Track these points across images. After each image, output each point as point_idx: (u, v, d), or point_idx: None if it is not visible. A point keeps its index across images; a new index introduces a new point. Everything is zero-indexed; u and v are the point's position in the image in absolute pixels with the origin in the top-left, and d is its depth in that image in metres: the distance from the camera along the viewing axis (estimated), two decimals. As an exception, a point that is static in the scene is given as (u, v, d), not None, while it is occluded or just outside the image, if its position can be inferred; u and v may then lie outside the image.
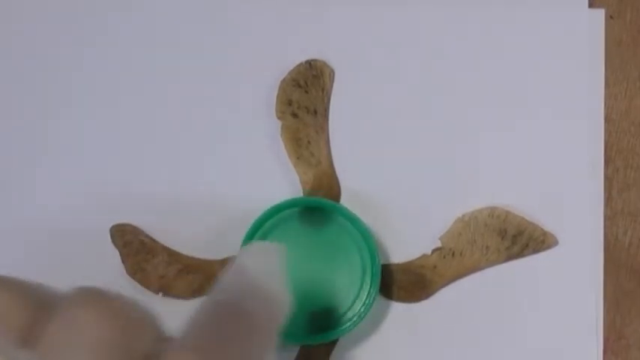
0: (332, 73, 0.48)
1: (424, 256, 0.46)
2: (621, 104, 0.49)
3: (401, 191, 0.48)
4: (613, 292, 0.47)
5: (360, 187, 0.48)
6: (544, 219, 0.47)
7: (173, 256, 0.46)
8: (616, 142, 0.48)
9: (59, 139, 0.48)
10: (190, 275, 0.46)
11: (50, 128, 0.49)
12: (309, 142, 0.47)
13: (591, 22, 0.49)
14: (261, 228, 0.45)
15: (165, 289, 0.46)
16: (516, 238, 0.46)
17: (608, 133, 0.48)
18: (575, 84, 0.48)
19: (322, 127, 0.48)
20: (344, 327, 0.44)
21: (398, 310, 0.47)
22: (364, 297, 0.45)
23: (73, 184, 0.48)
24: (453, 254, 0.46)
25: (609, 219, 0.48)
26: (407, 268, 0.46)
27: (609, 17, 0.49)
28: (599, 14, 0.49)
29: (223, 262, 0.46)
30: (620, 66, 0.49)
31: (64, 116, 0.49)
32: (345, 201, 0.47)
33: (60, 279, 0.46)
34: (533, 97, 0.48)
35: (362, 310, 0.44)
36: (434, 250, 0.46)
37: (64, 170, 0.48)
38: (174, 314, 0.45)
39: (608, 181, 0.48)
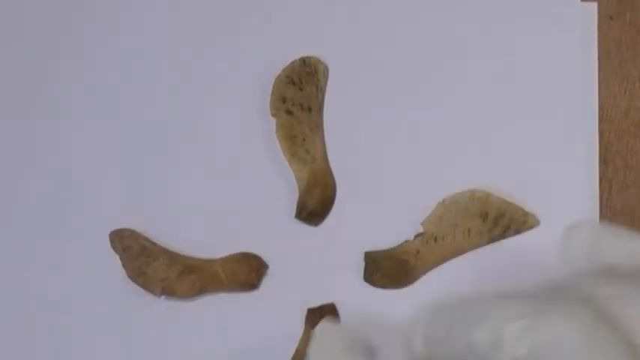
0: (326, 69, 0.49)
1: (407, 242, 0.46)
2: (621, 104, 0.48)
3: (392, 181, 0.48)
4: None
5: (355, 182, 0.48)
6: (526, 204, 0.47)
7: (173, 257, 0.47)
8: (615, 142, 0.48)
9: (55, 142, 0.49)
10: (192, 275, 0.46)
11: (47, 131, 0.49)
12: (303, 139, 0.48)
13: (584, 17, 0.49)
14: None
15: (167, 291, 0.46)
16: (498, 220, 0.46)
17: (607, 133, 0.48)
18: (567, 76, 0.48)
19: (317, 124, 0.48)
20: None
21: (382, 296, 0.47)
22: None
23: (70, 191, 0.48)
24: (436, 239, 0.46)
25: (608, 219, 0.47)
26: (390, 254, 0.46)
27: (609, 18, 0.49)
28: (592, 8, 0.49)
29: (223, 261, 0.47)
30: (620, 66, 0.49)
31: (61, 120, 0.49)
32: (340, 197, 0.48)
33: (62, 286, 0.47)
34: (525, 88, 0.48)
35: None
36: (416, 236, 0.46)
37: (61, 175, 0.49)
38: (178, 316, 0.47)
39: (607, 181, 0.48)
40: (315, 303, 0.47)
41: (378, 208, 0.47)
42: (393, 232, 0.47)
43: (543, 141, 0.48)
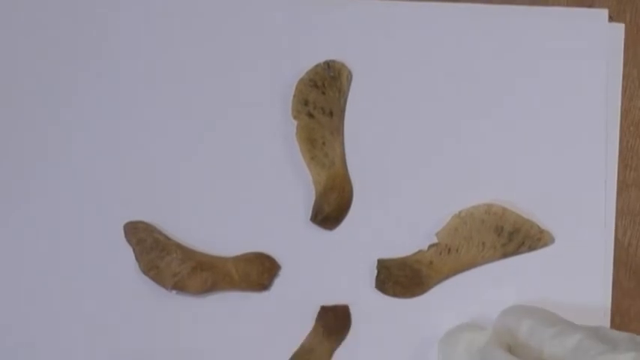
0: (350, 74, 0.49)
1: (420, 251, 0.47)
2: (621, 104, 0.49)
3: (409, 190, 0.48)
4: (613, 292, 0.46)
5: (372, 189, 0.48)
6: (542, 217, 0.47)
7: (187, 253, 0.47)
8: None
9: (72, 134, 0.49)
10: (204, 272, 0.46)
11: (64, 124, 0.49)
12: (323, 143, 0.48)
13: (610, 36, 0.49)
14: None
15: (179, 286, 0.47)
16: (512, 236, 0.46)
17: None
18: (590, 95, 0.48)
19: (337, 129, 0.48)
20: None
21: (393, 305, 0.47)
22: None
23: (87, 182, 0.48)
24: (449, 250, 0.46)
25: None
26: (403, 263, 0.46)
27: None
28: (620, 28, 0.49)
29: (236, 260, 0.47)
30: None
31: (76, 112, 0.49)
32: (357, 203, 0.48)
33: (74, 277, 0.48)
34: (547, 106, 0.48)
35: None
36: (430, 246, 0.46)
37: (77, 167, 0.49)
38: (189, 311, 0.47)
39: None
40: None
41: (394, 216, 0.48)
42: (407, 241, 0.47)
43: (563, 159, 0.48)
